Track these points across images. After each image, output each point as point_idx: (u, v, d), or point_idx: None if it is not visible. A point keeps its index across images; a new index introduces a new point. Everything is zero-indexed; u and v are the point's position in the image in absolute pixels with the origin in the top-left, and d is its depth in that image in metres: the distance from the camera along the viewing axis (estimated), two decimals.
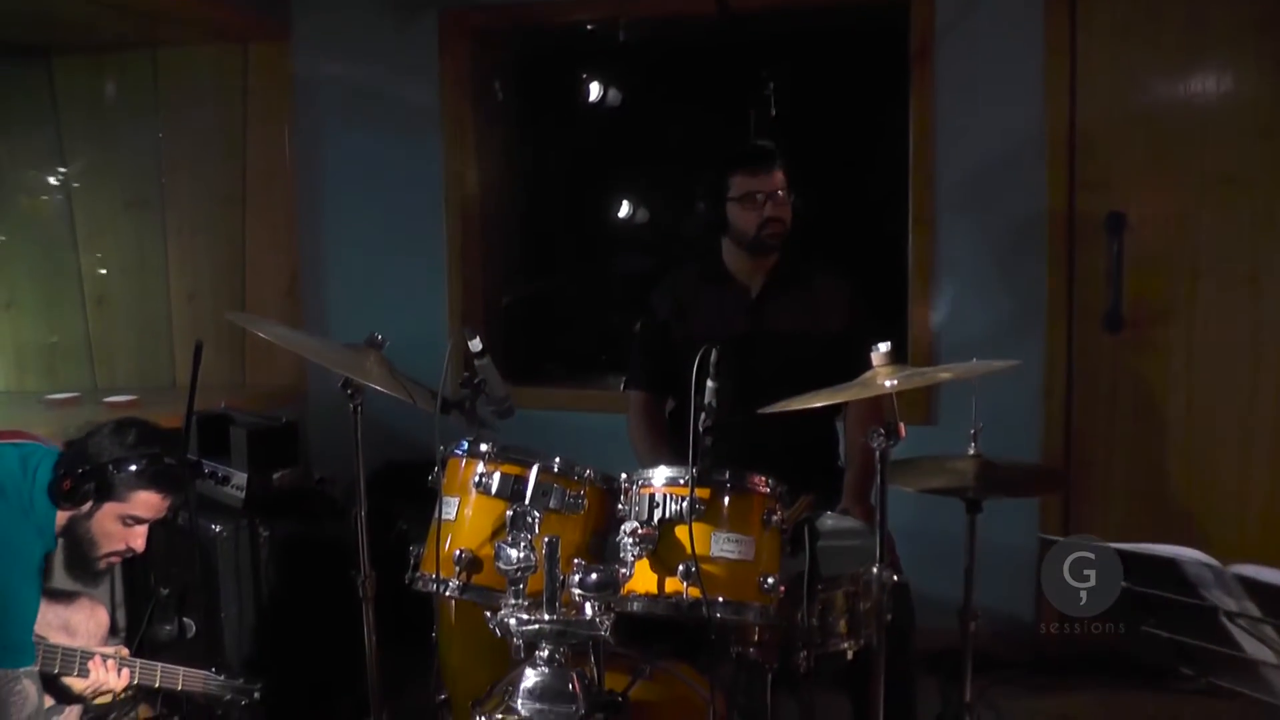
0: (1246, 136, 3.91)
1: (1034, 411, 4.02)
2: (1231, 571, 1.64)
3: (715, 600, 2.16)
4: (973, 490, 2.55)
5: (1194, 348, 3.99)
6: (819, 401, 2.27)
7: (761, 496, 2.25)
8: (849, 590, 2.47)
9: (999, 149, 4.05)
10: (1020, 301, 4.02)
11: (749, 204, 3.04)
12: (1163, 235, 4.00)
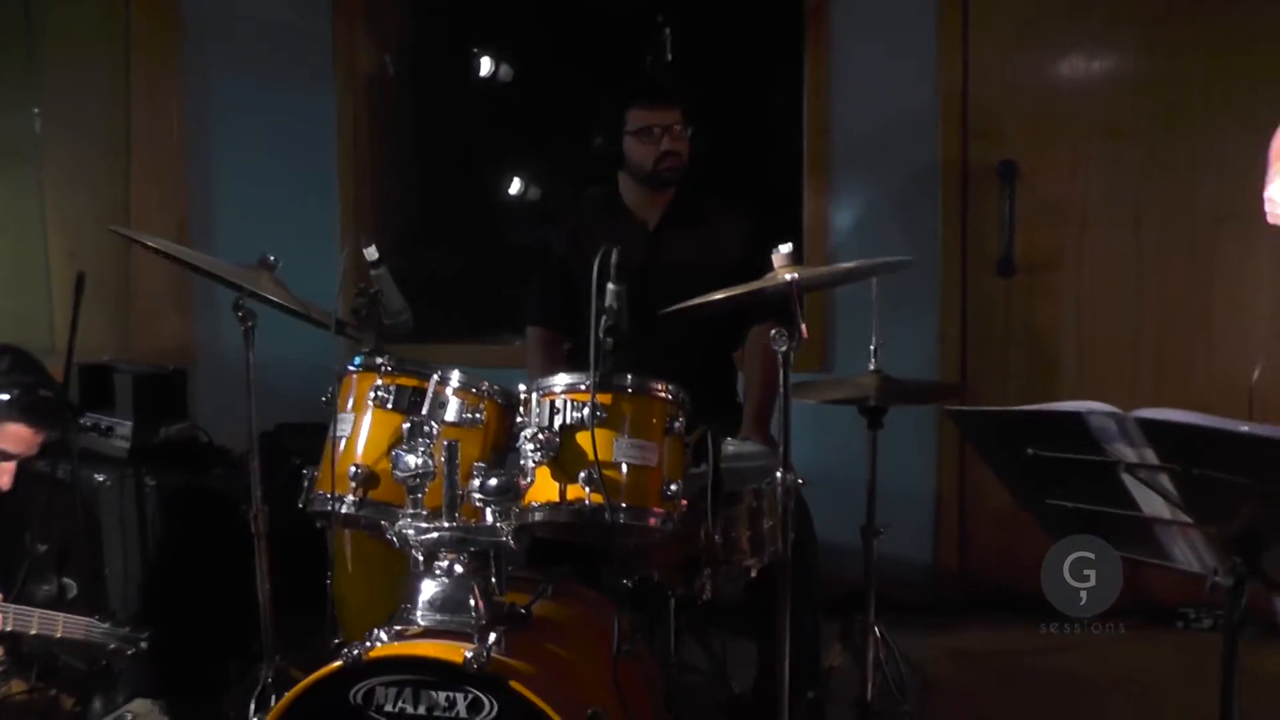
0: (1130, 89, 4.04)
1: (929, 355, 4.08)
2: (1132, 416, 1.67)
3: (618, 505, 2.12)
4: (874, 399, 2.56)
5: (1082, 291, 4.09)
6: (721, 295, 2.25)
7: (663, 402, 2.22)
8: (752, 505, 2.47)
9: (893, 100, 4.10)
10: (915, 249, 4.06)
11: (646, 138, 3.02)
12: (1052, 184, 4.09)
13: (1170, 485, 1.72)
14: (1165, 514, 1.78)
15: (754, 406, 3.04)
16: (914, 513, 4.13)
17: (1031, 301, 4.11)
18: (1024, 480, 1.98)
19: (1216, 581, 1.77)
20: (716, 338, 3.15)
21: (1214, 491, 1.68)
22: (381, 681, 2.05)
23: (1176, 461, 1.67)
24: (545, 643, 2.26)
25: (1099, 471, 1.78)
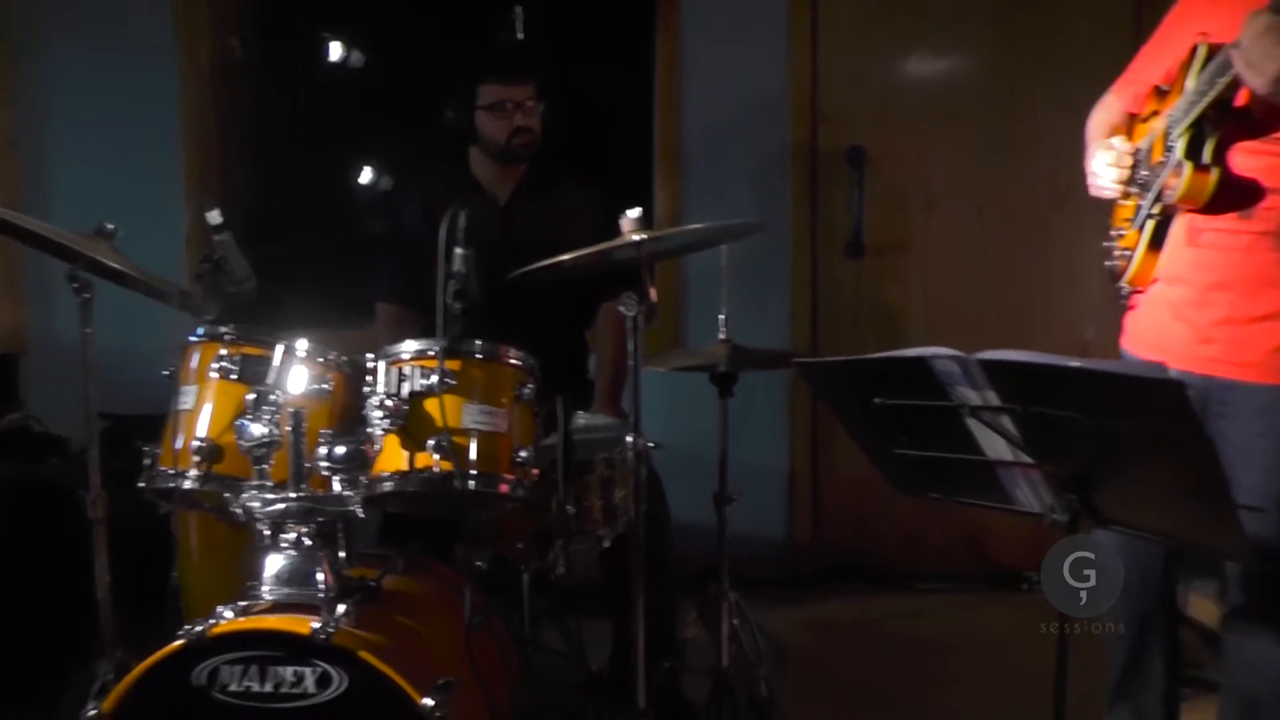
0: (971, 79, 4.21)
1: (781, 335, 4.16)
2: (974, 358, 1.72)
3: (468, 472, 2.10)
4: (723, 365, 2.59)
5: (929, 272, 4.22)
6: (569, 257, 2.24)
7: (513, 369, 2.20)
8: (604, 475, 2.48)
9: (743, 85, 4.17)
10: (766, 231, 4.12)
11: (499, 113, 3.01)
12: (899, 169, 4.21)
13: (1011, 426, 1.78)
14: (1007, 456, 1.85)
15: (605, 381, 3.05)
16: (768, 489, 4.21)
17: (880, 282, 4.21)
18: (872, 432, 2.02)
19: (1054, 519, 1.83)
20: (568, 314, 3.15)
21: (1051, 429, 1.74)
22: (226, 660, 1.98)
23: (1016, 401, 1.73)
24: (395, 615, 2.21)
25: (944, 417, 1.83)
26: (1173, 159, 2.13)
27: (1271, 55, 1.85)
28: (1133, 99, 2.44)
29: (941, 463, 1.96)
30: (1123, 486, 1.81)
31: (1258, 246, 2.13)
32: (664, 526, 2.89)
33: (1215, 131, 2.10)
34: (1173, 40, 2.32)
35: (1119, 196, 2.35)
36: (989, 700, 3.22)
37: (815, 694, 3.27)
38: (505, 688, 2.43)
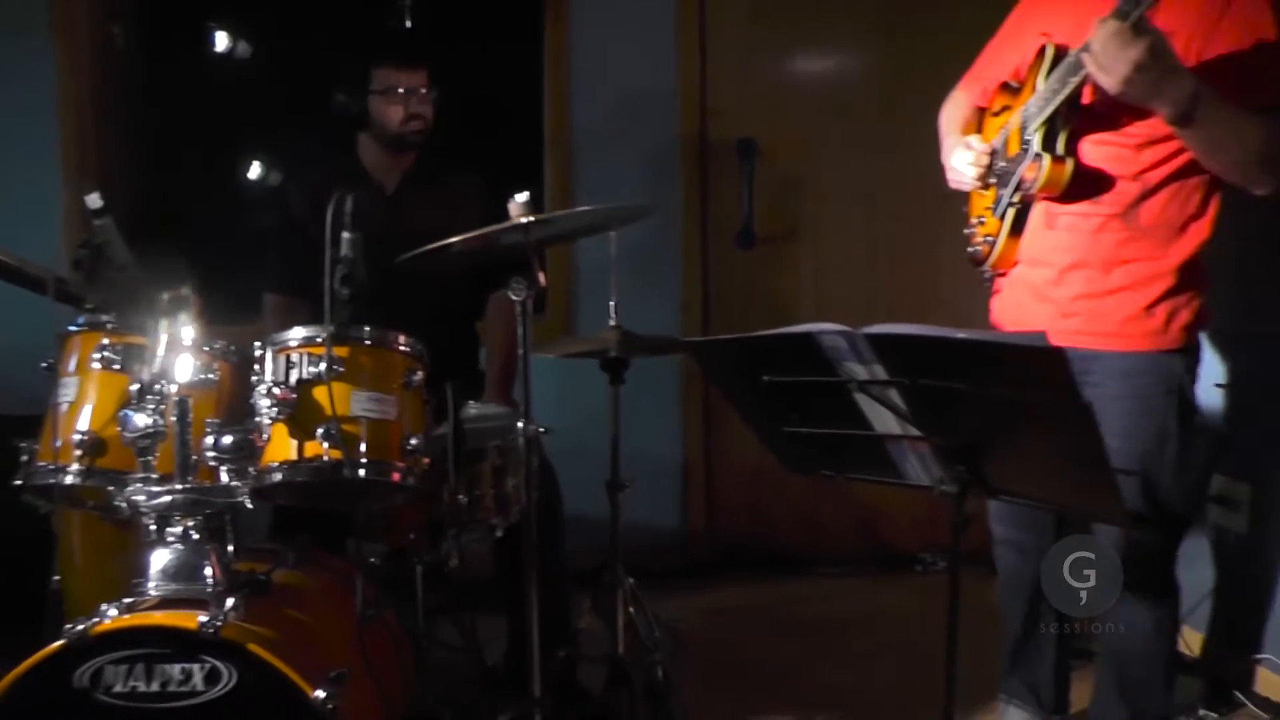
0: (860, 73, 4.28)
1: (672, 325, 4.18)
2: (861, 333, 1.76)
3: (358, 460, 2.07)
4: (614, 350, 2.60)
5: (820, 261, 4.28)
6: (458, 239, 2.23)
7: (402, 355, 2.18)
8: (496, 464, 2.47)
9: (632, 76, 4.17)
10: (657, 222, 4.14)
11: (392, 98, 2.97)
12: (789, 161, 4.26)
13: (899, 400, 1.82)
14: (896, 429, 1.88)
15: (496, 370, 3.04)
16: (662, 478, 4.23)
17: (771, 271, 4.26)
18: (762, 411, 2.04)
19: (944, 491, 1.87)
20: (458, 303, 3.12)
21: (938, 401, 1.78)
22: (110, 659, 1.92)
23: (903, 375, 1.77)
24: (286, 608, 2.17)
25: (833, 393, 1.86)
26: (1031, 151, 2.28)
27: (1120, 58, 1.97)
28: (980, 94, 2.63)
29: (832, 439, 1.99)
30: (1009, 456, 1.85)
31: (1108, 227, 2.30)
32: (557, 515, 2.88)
33: (1067, 126, 2.26)
34: (1015, 40, 2.50)
35: (977, 189, 2.50)
36: (884, 678, 3.28)
37: (712, 679, 3.29)
38: (399, 681, 2.41)
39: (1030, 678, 2.80)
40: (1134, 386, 2.32)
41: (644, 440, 3.25)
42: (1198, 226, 2.29)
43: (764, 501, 4.33)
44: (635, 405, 2.96)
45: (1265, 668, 3.14)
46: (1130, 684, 2.55)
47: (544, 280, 2.26)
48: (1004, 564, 2.79)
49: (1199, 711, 3.05)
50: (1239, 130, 2.11)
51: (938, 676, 1.97)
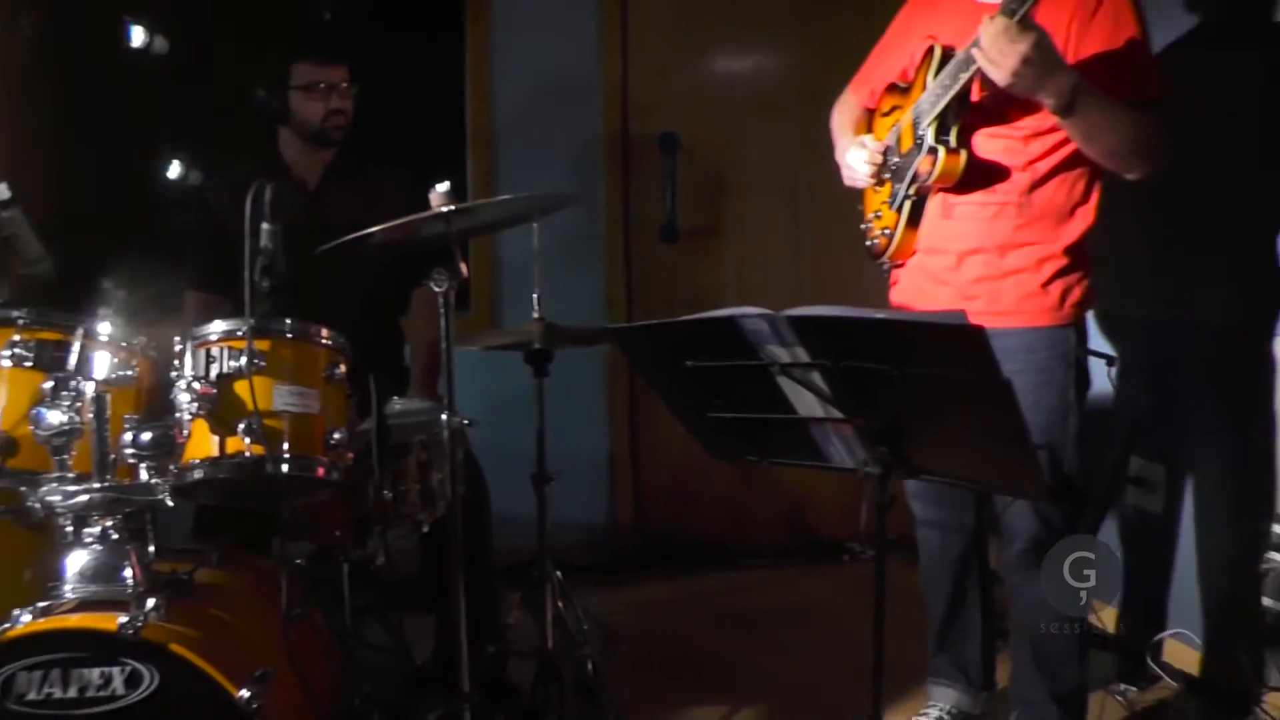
0: (782, 70, 4.32)
1: (597, 320, 4.16)
2: (782, 315, 1.77)
3: (281, 455, 2.04)
4: (538, 341, 2.59)
5: (743, 256, 4.31)
6: (377, 229, 2.20)
7: (324, 348, 2.15)
8: (421, 458, 2.44)
9: (555, 71, 4.16)
10: (581, 217, 4.14)
11: (313, 94, 2.94)
12: (713, 156, 4.28)
13: (821, 382, 1.83)
14: (819, 412, 1.90)
15: (420, 365, 3.01)
16: (589, 473, 4.23)
17: (695, 266, 4.27)
18: (686, 397, 2.05)
19: (868, 472, 1.89)
20: (382, 299, 3.09)
21: (860, 382, 1.80)
22: (24, 665, 1.88)
23: (825, 357, 1.78)
24: (209, 608, 2.14)
25: (756, 377, 1.87)
26: (925, 145, 2.40)
27: (1008, 52, 2.09)
28: (869, 96, 2.76)
29: (756, 424, 2.01)
30: (931, 436, 1.88)
31: (1003, 214, 2.43)
32: (484, 509, 2.87)
33: (958, 120, 2.38)
34: (901, 44, 2.63)
35: (872, 185, 2.62)
36: (813, 667, 3.30)
37: (642, 671, 3.29)
38: (326, 680, 2.37)
39: (958, 656, 2.86)
40: (1036, 360, 2.43)
41: (570, 435, 3.24)
42: (1083, 211, 2.45)
43: (692, 494, 4.34)
44: (561, 400, 2.95)
45: (1175, 640, 3.22)
46: (1047, 661, 2.62)
47: (466, 271, 2.24)
48: (927, 545, 2.84)
49: (1119, 686, 3.13)
50: (1114, 120, 2.26)
51: (867, 662, 2.01)
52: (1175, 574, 3.29)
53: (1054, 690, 2.62)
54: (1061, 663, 2.62)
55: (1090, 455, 3.50)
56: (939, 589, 2.85)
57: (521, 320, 2.82)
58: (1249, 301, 3.04)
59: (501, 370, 3.18)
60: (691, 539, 4.33)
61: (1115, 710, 3.03)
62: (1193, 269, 3.24)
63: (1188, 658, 3.19)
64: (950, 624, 2.86)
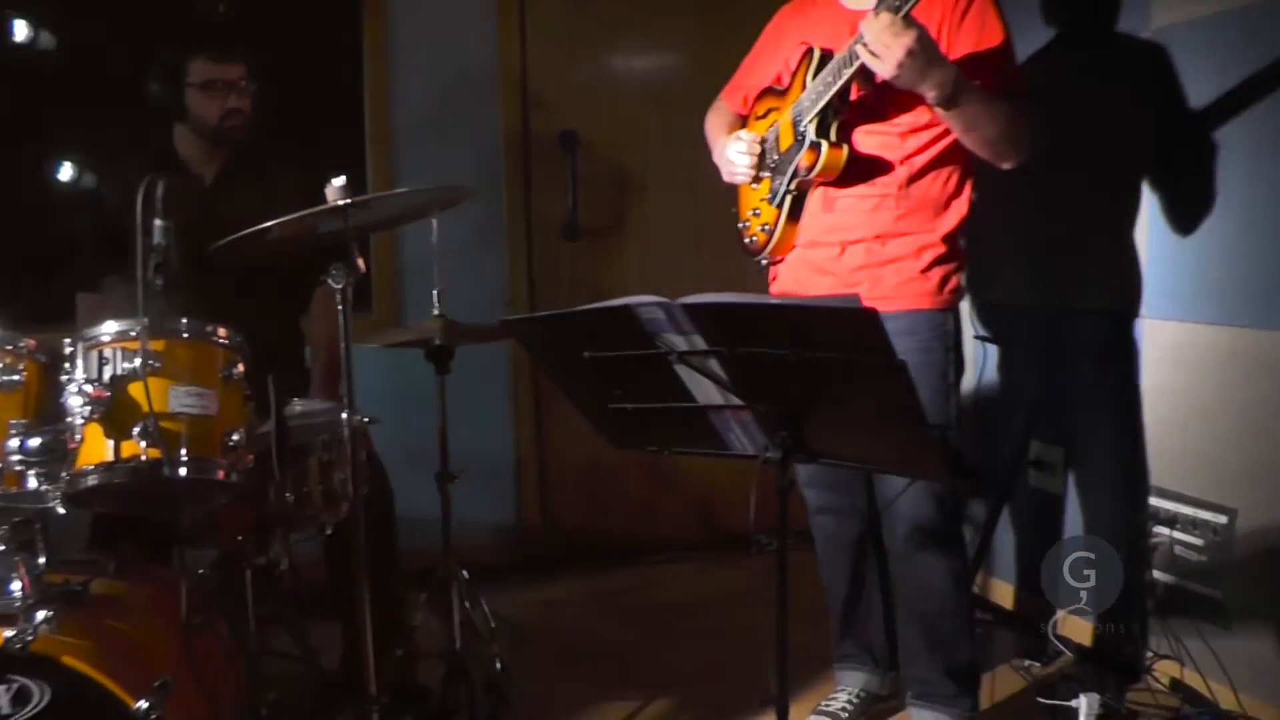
0: (679, 67, 4.35)
1: (499, 318, 4.12)
2: (678, 303, 1.77)
3: (179, 459, 1.98)
4: (439, 338, 2.57)
5: (645, 252, 4.32)
6: (272, 223, 2.15)
7: (222, 348, 2.10)
8: (322, 459, 2.40)
9: (454, 68, 4.12)
10: (481, 215, 4.11)
11: (211, 92, 2.86)
12: (612, 153, 4.28)
13: (719, 369, 1.84)
14: (718, 399, 1.91)
15: (321, 367, 2.97)
16: (496, 475, 4.20)
17: (597, 263, 4.27)
18: (586, 389, 2.05)
19: (768, 458, 1.91)
20: (282, 300, 3.03)
21: (757, 368, 1.81)
22: None
23: (722, 343, 1.79)
24: (105, 619, 2.08)
25: (654, 366, 1.88)
26: (807, 140, 2.49)
27: (893, 46, 2.18)
28: (741, 102, 2.88)
29: (656, 414, 2.01)
30: (829, 420, 1.90)
31: (883, 206, 2.54)
32: (388, 509, 2.83)
33: (838, 117, 2.49)
34: (774, 51, 2.75)
35: (750, 181, 2.69)
36: (724, 657, 3.32)
37: (554, 669, 3.28)
38: (231, 690, 2.33)
39: (863, 638, 2.91)
40: (918, 342, 2.52)
41: (476, 437, 3.21)
42: (957, 204, 2.57)
43: (599, 493, 4.34)
44: (466, 402, 2.93)
45: (1073, 615, 3.31)
46: (940, 639, 2.70)
47: (364, 267, 2.21)
48: (823, 531, 2.90)
49: (1021, 661, 3.20)
50: (991, 111, 2.38)
51: (768, 653, 2.03)
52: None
53: (948, 666, 2.70)
54: (954, 639, 2.70)
55: (990, 441, 3.61)
56: (838, 574, 2.91)
57: (423, 319, 2.79)
58: (1117, 287, 3.17)
59: (405, 371, 3.15)
60: (600, 537, 4.33)
61: (1017, 683, 3.10)
62: (1069, 259, 3.39)
63: (1085, 631, 3.28)
64: (852, 607, 2.91)
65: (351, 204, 2.16)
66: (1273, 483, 2.76)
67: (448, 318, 2.67)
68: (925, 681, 2.73)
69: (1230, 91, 2.80)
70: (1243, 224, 2.81)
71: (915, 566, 2.67)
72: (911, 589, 2.71)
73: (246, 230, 2.15)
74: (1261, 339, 2.77)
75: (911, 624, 2.74)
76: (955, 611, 2.70)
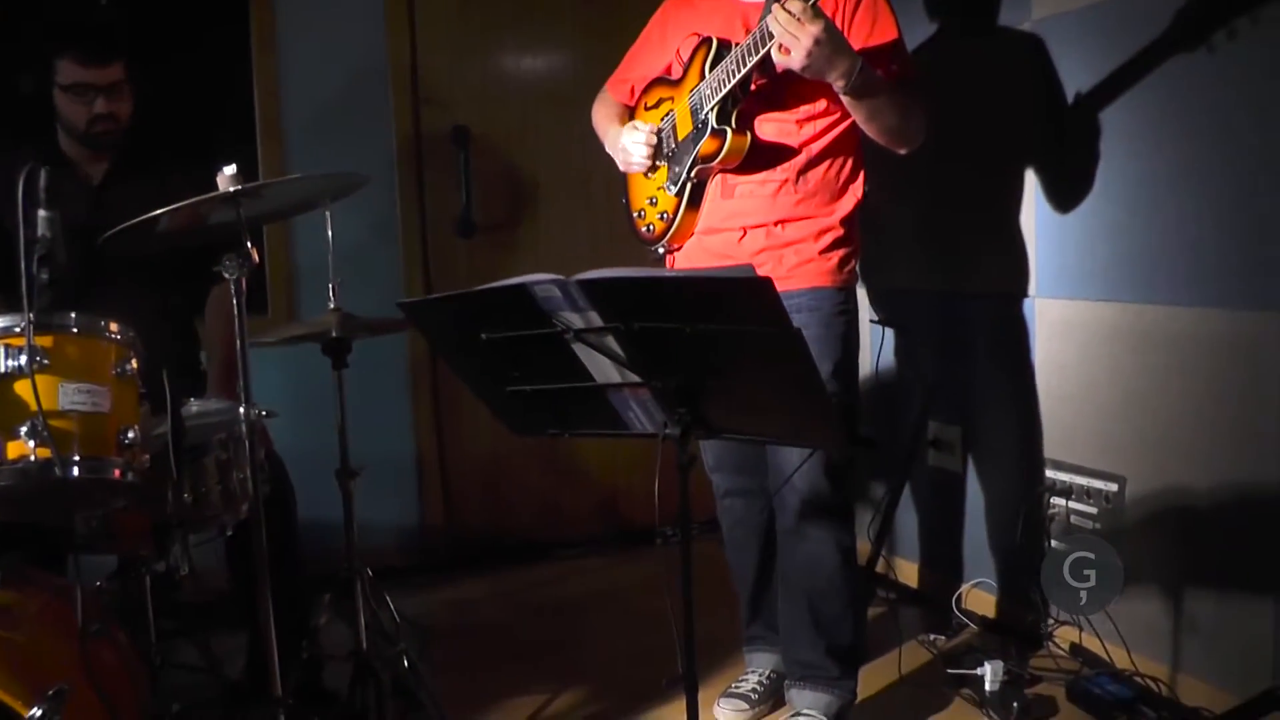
0: (569, 64, 4.35)
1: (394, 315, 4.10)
2: (573, 280, 1.77)
3: (70, 459, 1.91)
4: (336, 330, 2.53)
5: (540, 247, 4.31)
6: (163, 211, 2.08)
7: (113, 343, 2.03)
8: (220, 458, 2.35)
9: (345, 64, 4.05)
10: (375, 213, 4.06)
11: (78, 96, 2.75)
12: (505, 148, 4.26)
13: (616, 346, 1.84)
14: (616, 377, 1.91)
15: (218, 366, 2.90)
16: (397, 476, 4.14)
17: (492, 259, 4.23)
18: (483, 372, 2.04)
19: (668, 433, 1.91)
20: (173, 301, 2.96)
21: (654, 344, 1.82)
22: None
23: (619, 320, 1.79)
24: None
25: (552, 346, 1.87)
26: (709, 128, 2.54)
27: (803, 34, 2.24)
28: (628, 94, 2.92)
29: (554, 396, 2.01)
30: (728, 394, 1.91)
31: (783, 191, 2.60)
32: (289, 509, 2.78)
33: (737, 105, 2.54)
34: (662, 43, 2.81)
35: (645, 170, 2.73)
36: (629, 646, 3.34)
37: (463, 667, 3.25)
38: (132, 700, 2.24)
39: (772, 620, 2.93)
40: (819, 317, 2.60)
41: (376, 438, 3.15)
42: (853, 188, 2.66)
43: (502, 492, 4.31)
44: (365, 404, 2.88)
45: (977, 589, 3.39)
46: (824, 618, 2.72)
47: (257, 258, 2.16)
48: (731, 514, 2.92)
49: (928, 636, 3.26)
50: (891, 99, 2.47)
51: (674, 643, 2.05)
52: (973, 528, 3.45)
53: (830, 646, 2.72)
54: (839, 619, 2.72)
55: (889, 423, 3.67)
56: (747, 557, 2.93)
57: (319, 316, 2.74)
58: (1007, 270, 3.27)
59: (302, 372, 3.10)
60: (504, 536, 4.30)
61: (925, 657, 3.16)
62: (961, 245, 3.48)
63: (988, 604, 3.36)
64: (761, 589, 2.94)
65: (242, 191, 2.10)
66: (1159, 450, 2.86)
67: (344, 311, 2.62)
68: (807, 664, 2.74)
69: (1109, 77, 2.90)
70: (1124, 204, 2.91)
71: (804, 541, 2.68)
72: (800, 566, 2.72)
73: (137, 220, 2.07)
74: (1144, 313, 2.87)
75: (796, 604, 2.74)
76: (841, 589, 2.70)
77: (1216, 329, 2.69)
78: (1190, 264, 2.74)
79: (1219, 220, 2.67)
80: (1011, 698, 2.78)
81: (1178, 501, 2.80)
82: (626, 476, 4.46)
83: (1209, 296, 2.70)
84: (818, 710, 2.70)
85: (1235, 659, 2.65)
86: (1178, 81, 2.72)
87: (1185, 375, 2.77)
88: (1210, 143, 2.67)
